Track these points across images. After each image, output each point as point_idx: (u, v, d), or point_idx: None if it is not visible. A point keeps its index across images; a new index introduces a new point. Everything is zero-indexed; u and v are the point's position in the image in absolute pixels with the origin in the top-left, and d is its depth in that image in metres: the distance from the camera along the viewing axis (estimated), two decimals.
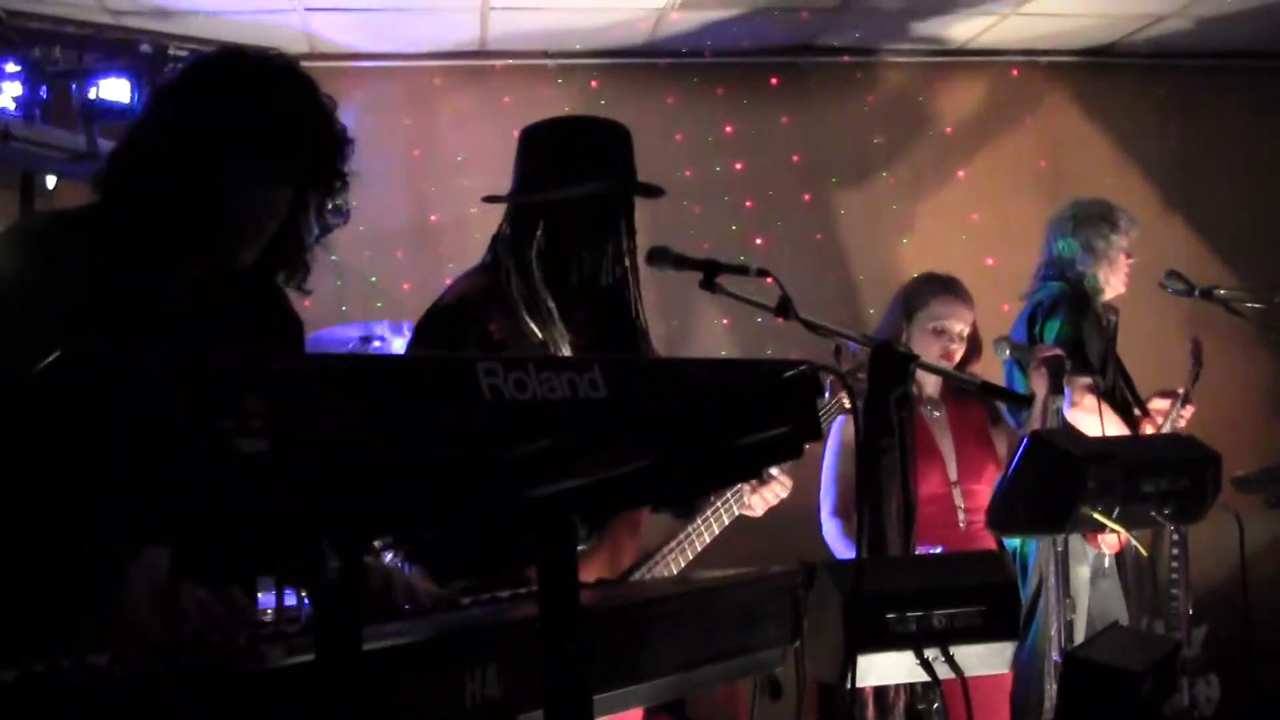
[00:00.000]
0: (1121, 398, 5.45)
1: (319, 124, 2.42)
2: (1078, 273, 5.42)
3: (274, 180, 2.38)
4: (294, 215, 2.42)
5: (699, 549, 3.75)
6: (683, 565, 3.71)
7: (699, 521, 3.75)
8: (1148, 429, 5.39)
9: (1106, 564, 5.18)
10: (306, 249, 2.48)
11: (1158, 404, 5.49)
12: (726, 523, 3.80)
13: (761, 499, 3.78)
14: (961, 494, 4.66)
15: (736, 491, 3.76)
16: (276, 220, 2.41)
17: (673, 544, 3.71)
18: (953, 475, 4.62)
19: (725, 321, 6.95)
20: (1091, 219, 5.46)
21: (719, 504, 3.78)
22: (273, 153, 2.36)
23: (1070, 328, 5.25)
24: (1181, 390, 5.42)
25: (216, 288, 2.39)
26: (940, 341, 4.69)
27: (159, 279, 2.32)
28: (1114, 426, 5.06)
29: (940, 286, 4.79)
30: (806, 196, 7.33)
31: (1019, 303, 5.63)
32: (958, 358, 4.75)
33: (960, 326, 4.75)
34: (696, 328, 7.01)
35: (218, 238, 2.38)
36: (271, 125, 2.36)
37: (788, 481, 3.76)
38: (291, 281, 2.52)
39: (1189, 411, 5.40)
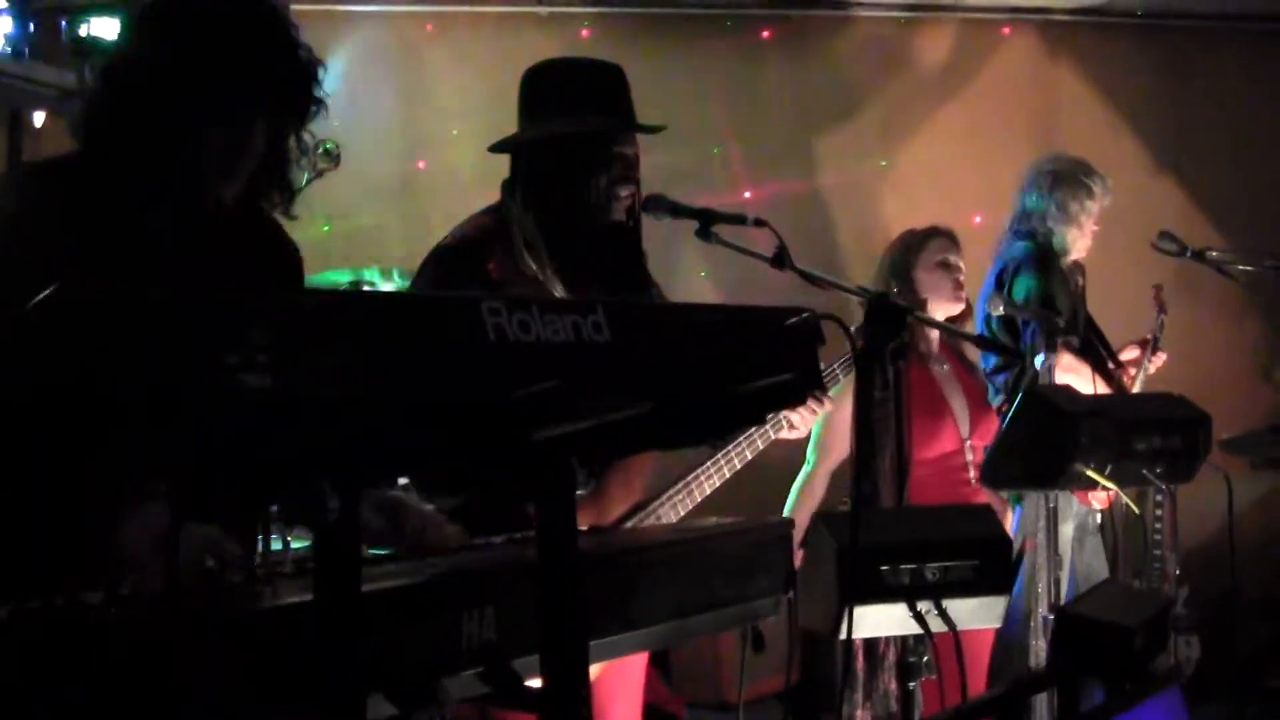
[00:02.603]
0: (1096, 354, 5.45)
1: (287, 54, 2.39)
2: (1047, 229, 5.40)
3: (248, 117, 2.36)
4: (274, 145, 2.41)
5: (729, 472, 3.67)
6: (699, 500, 3.63)
7: (728, 450, 3.67)
8: (1124, 380, 5.41)
9: (1097, 520, 5.19)
10: (291, 176, 2.46)
11: (1128, 354, 5.56)
12: (761, 448, 3.70)
13: (800, 416, 3.62)
14: (971, 450, 4.58)
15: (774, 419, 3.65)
16: (253, 157, 2.39)
17: (690, 477, 3.63)
18: (964, 432, 4.55)
19: (701, 274, 6.88)
20: (1070, 180, 5.41)
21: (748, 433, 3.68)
22: (243, 90, 2.33)
23: (1039, 286, 5.24)
24: (1150, 336, 5.44)
25: (206, 226, 2.37)
26: (951, 275, 4.60)
27: (143, 224, 2.30)
28: (1095, 383, 5.07)
29: (932, 230, 4.72)
30: (791, 153, 7.29)
31: None
32: (965, 293, 4.65)
33: (961, 262, 4.67)
34: (674, 284, 6.93)
35: (196, 178, 2.36)
36: (239, 62, 2.32)
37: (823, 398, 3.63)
38: (277, 208, 2.51)
39: (1160, 359, 5.45)
